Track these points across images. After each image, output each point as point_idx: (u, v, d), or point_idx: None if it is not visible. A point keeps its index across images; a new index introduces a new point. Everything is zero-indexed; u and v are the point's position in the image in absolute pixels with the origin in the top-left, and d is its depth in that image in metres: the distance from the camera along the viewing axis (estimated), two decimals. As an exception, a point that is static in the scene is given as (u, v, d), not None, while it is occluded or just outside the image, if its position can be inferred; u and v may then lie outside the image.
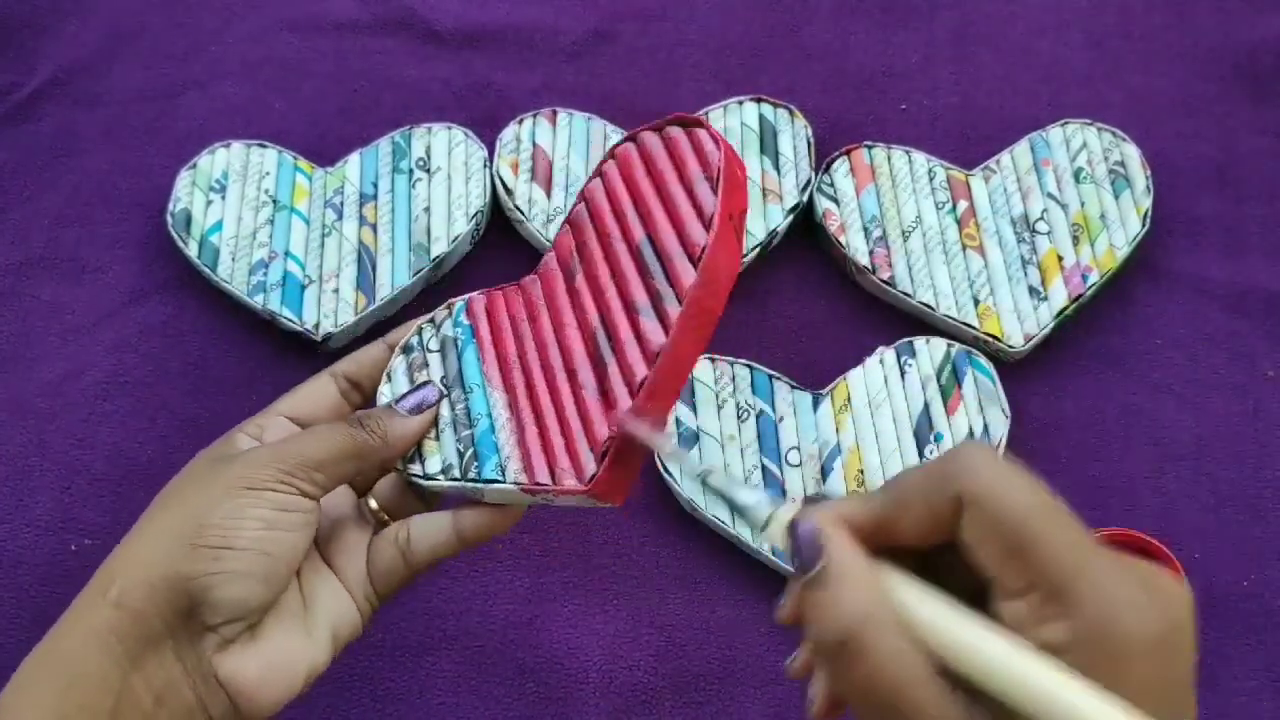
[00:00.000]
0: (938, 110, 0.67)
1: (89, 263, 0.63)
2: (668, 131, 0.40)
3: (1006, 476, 0.28)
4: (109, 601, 0.34)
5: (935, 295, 0.59)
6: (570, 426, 0.39)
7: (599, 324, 0.39)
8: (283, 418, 0.40)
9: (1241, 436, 0.57)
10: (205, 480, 0.37)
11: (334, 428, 0.38)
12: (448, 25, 0.70)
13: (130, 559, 0.36)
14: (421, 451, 0.40)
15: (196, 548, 0.35)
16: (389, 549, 0.40)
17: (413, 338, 0.42)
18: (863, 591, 0.28)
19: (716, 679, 0.52)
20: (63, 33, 0.70)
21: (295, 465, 0.37)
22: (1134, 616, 0.26)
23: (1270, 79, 0.67)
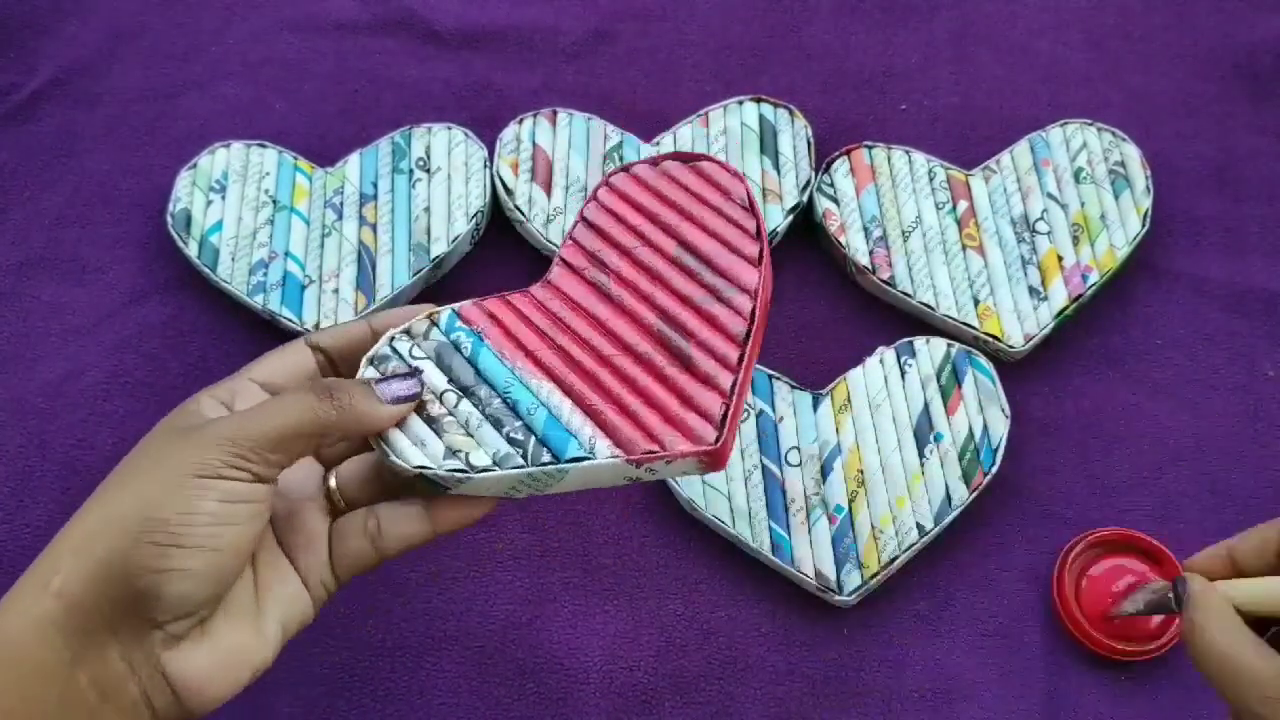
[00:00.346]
0: (938, 110, 0.67)
1: (89, 263, 0.63)
2: (663, 165, 0.44)
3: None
4: (50, 592, 0.33)
5: (935, 295, 0.59)
6: (659, 401, 0.40)
7: (660, 319, 0.41)
8: (254, 384, 0.39)
9: (1241, 436, 0.57)
10: (157, 460, 0.35)
11: (296, 398, 0.37)
12: (448, 25, 0.70)
13: (74, 548, 0.34)
14: (454, 448, 0.39)
15: (143, 543, 0.33)
16: (357, 538, 0.39)
17: (383, 348, 0.41)
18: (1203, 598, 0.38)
19: (716, 679, 0.52)
20: (63, 33, 0.70)
21: (250, 446, 0.35)
22: None
23: (1270, 79, 0.67)
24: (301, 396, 0.37)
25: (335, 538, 0.40)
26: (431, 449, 0.39)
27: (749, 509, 0.54)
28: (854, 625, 0.53)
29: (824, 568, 0.53)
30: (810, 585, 0.53)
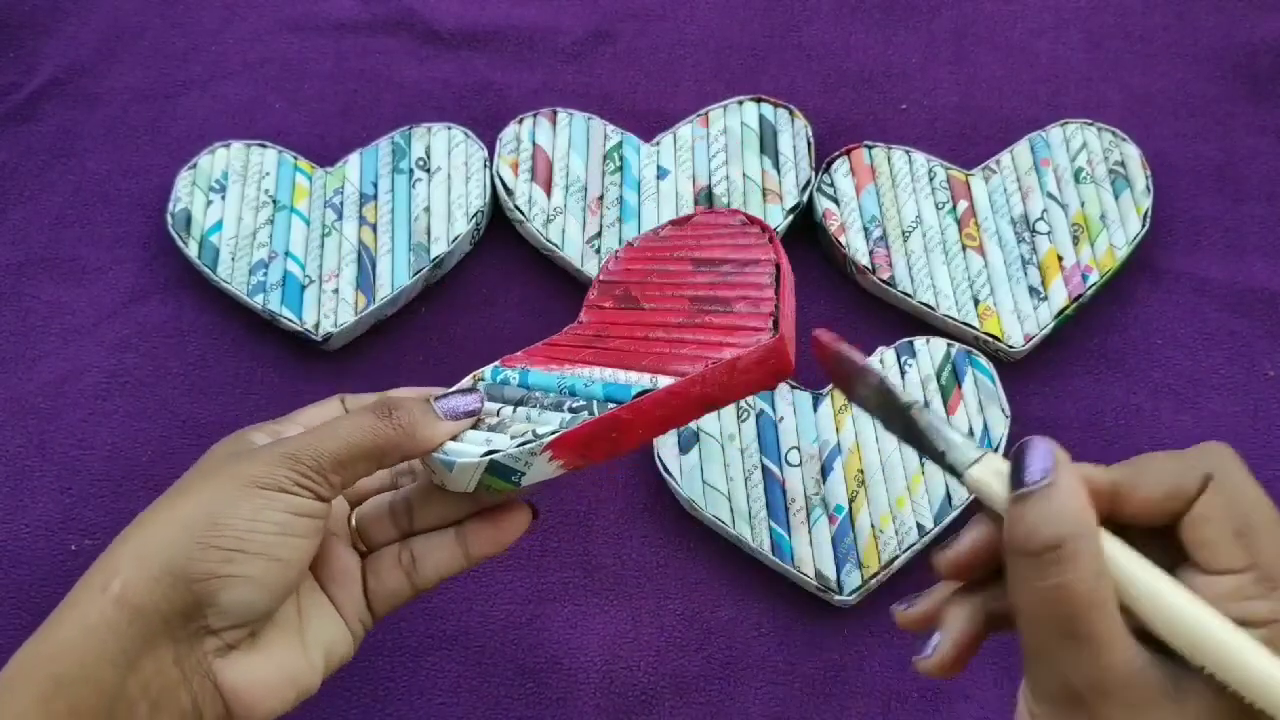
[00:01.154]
0: (937, 110, 0.67)
1: (89, 263, 0.63)
2: (661, 230, 0.47)
3: (1244, 470, 0.30)
4: (109, 597, 0.33)
5: (935, 295, 0.59)
6: (708, 340, 0.39)
7: (692, 303, 0.41)
8: (298, 426, 0.39)
9: (1241, 436, 0.57)
10: (218, 475, 0.35)
11: (357, 419, 0.37)
12: (448, 25, 0.70)
13: (134, 552, 0.34)
14: (517, 434, 0.38)
15: (208, 546, 0.33)
16: (393, 572, 0.39)
17: None
18: (1084, 508, 0.29)
19: (716, 679, 0.52)
20: (63, 33, 0.70)
21: (312, 465, 0.35)
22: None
23: (1270, 79, 0.67)
24: (362, 417, 0.37)
25: (370, 574, 0.39)
26: (497, 441, 0.37)
27: (749, 509, 0.54)
28: (854, 625, 0.53)
29: (824, 568, 0.53)
30: (810, 585, 0.53)
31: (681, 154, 0.63)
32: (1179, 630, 0.29)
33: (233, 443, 0.38)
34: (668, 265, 0.45)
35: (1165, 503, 0.31)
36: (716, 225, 0.45)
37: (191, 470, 0.37)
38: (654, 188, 0.63)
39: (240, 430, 0.39)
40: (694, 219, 0.46)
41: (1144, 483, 0.31)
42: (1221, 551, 0.29)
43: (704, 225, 0.45)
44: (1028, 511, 0.29)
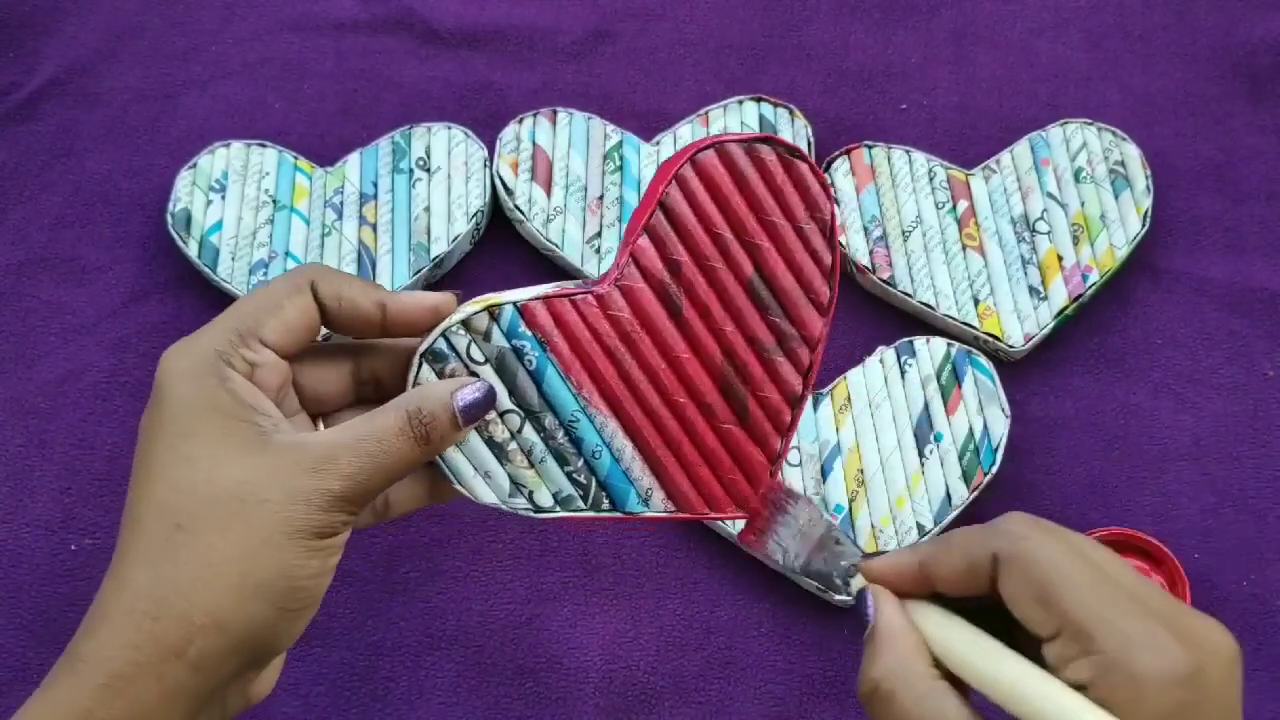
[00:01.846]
0: (937, 110, 0.67)
1: (89, 263, 0.63)
2: (757, 150, 0.39)
3: (1041, 533, 0.31)
4: (187, 663, 0.32)
5: (935, 295, 0.59)
6: (717, 458, 0.39)
7: (726, 361, 0.39)
8: (271, 354, 0.36)
9: (1241, 436, 0.57)
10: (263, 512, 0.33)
11: (397, 445, 0.35)
12: (448, 25, 0.70)
13: (209, 616, 0.32)
14: (519, 481, 0.38)
15: (285, 611, 0.33)
16: (366, 515, 0.38)
17: (440, 343, 0.37)
18: (895, 648, 0.32)
19: (716, 678, 0.52)
20: (63, 33, 0.70)
21: (363, 498, 0.35)
22: (1150, 654, 0.28)
23: (1270, 79, 0.67)
24: (403, 446, 0.35)
25: None
26: (496, 481, 0.38)
27: (749, 509, 0.54)
28: (854, 625, 0.53)
29: (824, 568, 0.53)
30: (810, 585, 0.53)
31: (681, 154, 0.63)
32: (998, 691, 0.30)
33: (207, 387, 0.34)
34: (735, 249, 0.39)
35: (970, 579, 0.32)
36: (804, 206, 0.39)
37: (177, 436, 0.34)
38: (654, 188, 0.62)
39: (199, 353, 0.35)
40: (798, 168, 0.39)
41: (946, 561, 0.33)
42: (1033, 621, 0.30)
43: (798, 191, 0.39)
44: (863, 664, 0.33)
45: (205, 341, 0.35)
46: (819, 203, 0.39)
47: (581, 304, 0.38)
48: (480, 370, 0.38)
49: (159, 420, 0.35)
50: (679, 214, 0.38)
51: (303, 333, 0.36)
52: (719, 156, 0.38)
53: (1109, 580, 0.30)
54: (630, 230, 0.39)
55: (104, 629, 0.33)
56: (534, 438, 0.38)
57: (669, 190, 0.38)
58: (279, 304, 0.36)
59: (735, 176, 0.38)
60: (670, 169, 0.39)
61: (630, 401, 0.39)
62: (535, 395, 0.38)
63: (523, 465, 0.38)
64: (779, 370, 0.39)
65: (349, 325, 0.37)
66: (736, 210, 0.38)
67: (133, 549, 0.34)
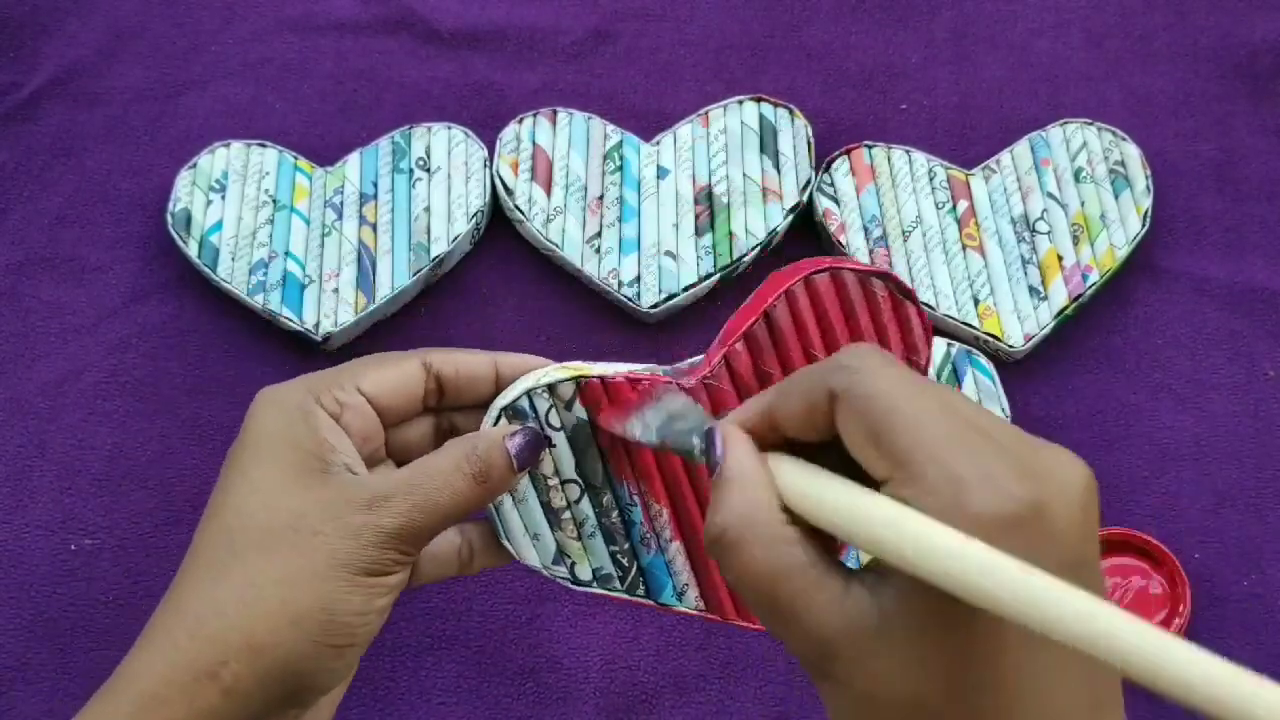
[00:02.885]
0: (938, 110, 0.67)
1: (89, 263, 0.63)
2: (870, 283, 0.38)
3: (878, 369, 0.28)
4: (218, 688, 0.32)
5: (935, 295, 0.59)
6: None
7: None
8: (363, 399, 0.36)
9: (1241, 436, 0.57)
10: (315, 544, 0.33)
11: (455, 484, 0.35)
12: (448, 25, 0.70)
13: (245, 641, 0.32)
14: (565, 550, 0.39)
15: (323, 646, 0.33)
16: (447, 559, 0.39)
17: (522, 401, 0.37)
18: (745, 492, 0.29)
19: (716, 679, 0.52)
20: (63, 32, 0.70)
21: (416, 537, 0.34)
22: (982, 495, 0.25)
23: (1270, 79, 0.67)
24: (458, 481, 0.35)
25: (422, 555, 0.38)
26: (543, 545, 0.39)
27: (749, 509, 0.54)
28: (854, 625, 0.53)
29: (824, 567, 0.53)
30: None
31: (681, 154, 0.63)
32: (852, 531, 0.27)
33: (300, 428, 0.35)
34: None
35: (810, 421, 0.29)
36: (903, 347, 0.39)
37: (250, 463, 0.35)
38: (654, 187, 0.63)
39: (294, 391, 0.36)
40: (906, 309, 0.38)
41: (786, 404, 0.30)
42: (868, 463, 0.28)
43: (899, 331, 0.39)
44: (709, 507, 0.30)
45: (301, 381, 0.36)
46: (919, 346, 0.39)
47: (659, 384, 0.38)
48: (554, 435, 0.38)
49: (239, 447, 0.35)
50: (781, 329, 0.38)
51: (402, 392, 0.37)
52: (833, 281, 0.38)
53: (950, 415, 0.27)
54: (729, 332, 0.38)
55: (144, 647, 0.33)
56: (589, 511, 0.38)
57: (776, 304, 0.38)
58: (383, 362, 0.37)
59: (844, 304, 0.38)
60: (781, 282, 0.38)
61: (690, 499, 0.39)
62: (601, 472, 0.38)
63: (572, 536, 0.39)
64: None
65: (465, 390, 0.38)
66: (838, 338, 0.38)
67: (187, 571, 0.34)
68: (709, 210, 0.62)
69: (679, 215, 0.62)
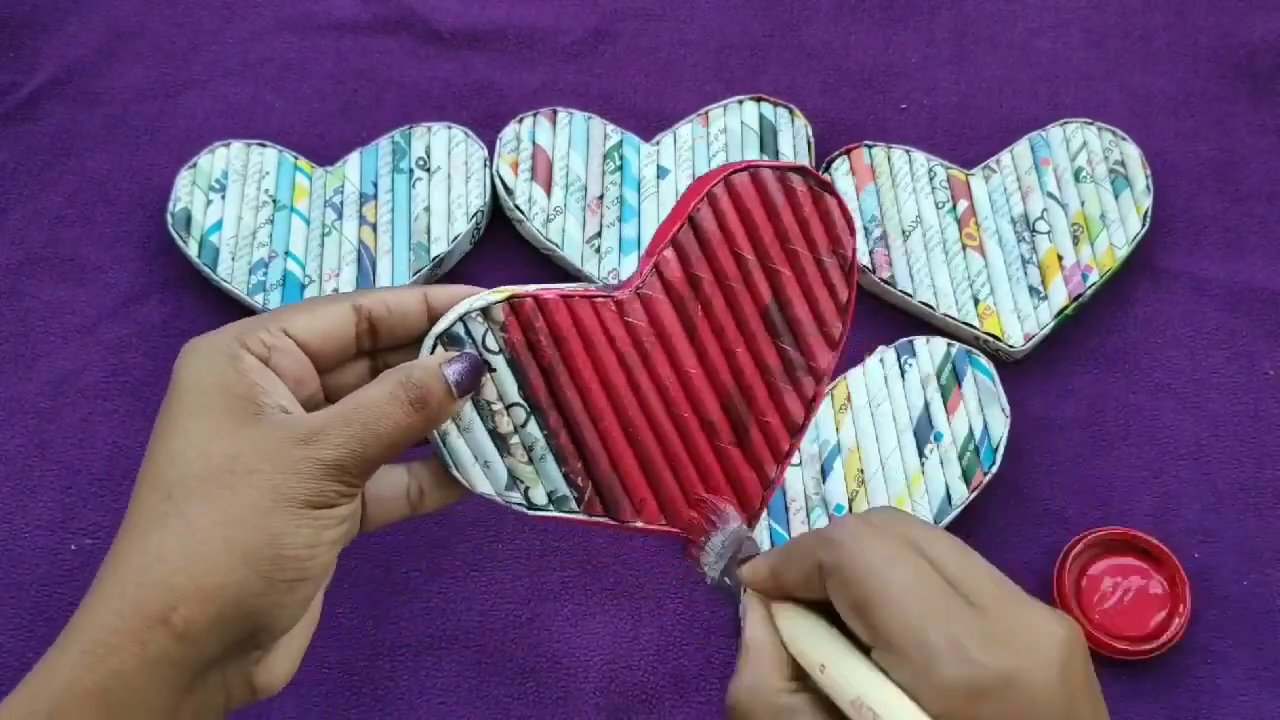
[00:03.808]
0: (937, 110, 0.67)
1: (89, 263, 0.63)
2: (789, 179, 0.39)
3: (866, 537, 0.31)
4: (170, 632, 0.32)
5: (935, 295, 0.59)
6: (713, 476, 0.40)
7: (734, 382, 0.39)
8: (292, 342, 0.36)
9: (1241, 436, 0.57)
10: (257, 480, 0.33)
11: (393, 413, 0.35)
12: (448, 25, 0.70)
13: (193, 583, 0.32)
14: (517, 475, 0.38)
15: (273, 581, 0.33)
16: (396, 499, 0.39)
17: (457, 327, 0.37)
18: (755, 666, 0.33)
19: (716, 679, 0.52)
20: (63, 32, 0.70)
21: (357, 474, 0.34)
22: (949, 664, 0.28)
23: (1270, 79, 0.67)
24: (395, 409, 0.35)
25: (370, 498, 0.38)
26: (494, 472, 0.38)
27: (749, 509, 0.54)
28: (854, 625, 0.53)
29: (824, 567, 0.53)
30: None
31: (681, 154, 0.63)
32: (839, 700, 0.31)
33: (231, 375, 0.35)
34: (756, 273, 0.39)
35: (809, 587, 0.33)
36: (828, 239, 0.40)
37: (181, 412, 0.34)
38: (654, 187, 0.63)
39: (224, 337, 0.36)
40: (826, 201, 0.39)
41: (787, 572, 0.34)
42: (857, 631, 0.31)
43: (822, 224, 0.39)
44: None
45: (227, 329, 0.36)
46: (842, 238, 0.40)
47: (601, 307, 0.38)
48: (493, 360, 0.38)
49: (170, 399, 0.35)
50: (706, 231, 0.39)
51: (332, 335, 0.37)
52: (752, 180, 0.39)
53: (925, 584, 0.30)
54: (656, 240, 0.39)
55: (90, 601, 0.33)
56: (537, 434, 0.38)
57: (700, 206, 0.38)
58: (312, 306, 0.37)
59: (765, 201, 0.39)
60: (703, 186, 0.39)
61: (636, 410, 0.39)
62: (545, 392, 0.38)
63: (522, 460, 0.38)
64: (784, 397, 0.40)
65: (399, 327, 0.37)
66: (762, 235, 0.39)
67: (127, 525, 0.34)
68: (709, 210, 0.62)
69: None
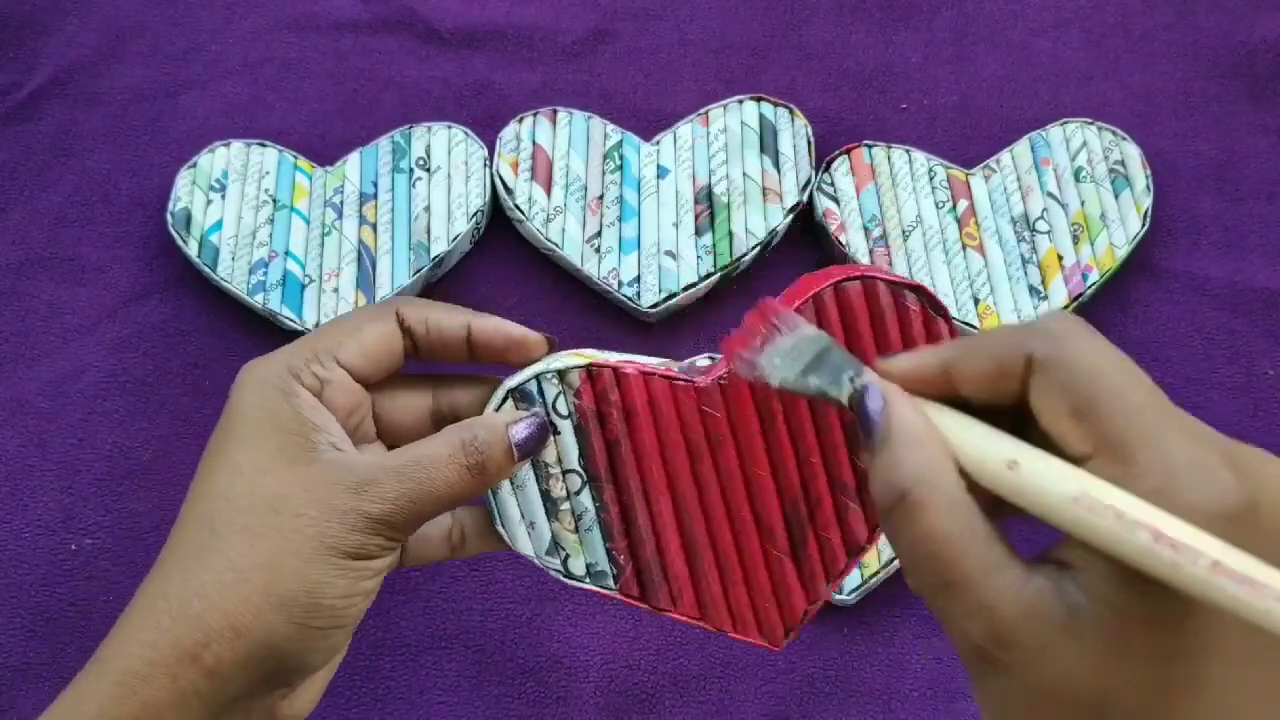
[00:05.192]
0: (937, 110, 0.67)
1: (89, 263, 0.63)
2: (904, 296, 0.37)
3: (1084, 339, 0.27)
4: (201, 669, 0.32)
5: (935, 295, 0.59)
6: (759, 583, 0.38)
7: (802, 491, 0.38)
8: (344, 373, 0.35)
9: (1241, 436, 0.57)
10: (300, 527, 0.33)
11: (449, 473, 0.34)
12: (448, 25, 0.70)
13: (227, 622, 0.32)
14: (560, 542, 0.38)
15: (306, 628, 0.33)
16: (439, 542, 0.39)
17: (531, 385, 0.37)
18: (920, 450, 0.27)
19: (716, 678, 0.52)
20: (63, 32, 0.70)
21: (406, 524, 0.34)
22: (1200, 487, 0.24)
23: (1270, 79, 0.67)
24: (451, 474, 0.34)
25: (413, 538, 0.38)
26: (539, 533, 0.38)
27: (749, 509, 0.54)
28: (854, 625, 0.53)
29: (824, 567, 0.53)
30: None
31: (681, 153, 0.63)
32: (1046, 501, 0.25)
33: (284, 412, 0.34)
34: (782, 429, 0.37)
35: (998, 383, 0.28)
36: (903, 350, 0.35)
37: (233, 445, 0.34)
38: (654, 187, 0.63)
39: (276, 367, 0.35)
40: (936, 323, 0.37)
41: (972, 361, 0.28)
42: (1064, 438, 0.26)
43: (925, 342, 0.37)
44: (873, 470, 0.28)
45: (280, 357, 0.35)
46: None
47: (680, 391, 0.37)
48: (561, 424, 0.37)
49: (222, 430, 0.35)
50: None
51: (382, 358, 0.36)
52: (864, 291, 0.36)
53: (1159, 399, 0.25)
54: None
55: (125, 628, 0.33)
56: (589, 504, 0.38)
57: (803, 308, 0.36)
58: (359, 327, 0.36)
59: (874, 315, 0.36)
60: (811, 286, 0.37)
61: (694, 501, 0.38)
62: (605, 465, 0.37)
63: (569, 528, 0.38)
64: (849, 516, 0.38)
65: (437, 349, 0.37)
66: (863, 349, 0.37)
67: (169, 553, 0.34)
68: (709, 210, 0.62)
69: (679, 215, 0.62)
